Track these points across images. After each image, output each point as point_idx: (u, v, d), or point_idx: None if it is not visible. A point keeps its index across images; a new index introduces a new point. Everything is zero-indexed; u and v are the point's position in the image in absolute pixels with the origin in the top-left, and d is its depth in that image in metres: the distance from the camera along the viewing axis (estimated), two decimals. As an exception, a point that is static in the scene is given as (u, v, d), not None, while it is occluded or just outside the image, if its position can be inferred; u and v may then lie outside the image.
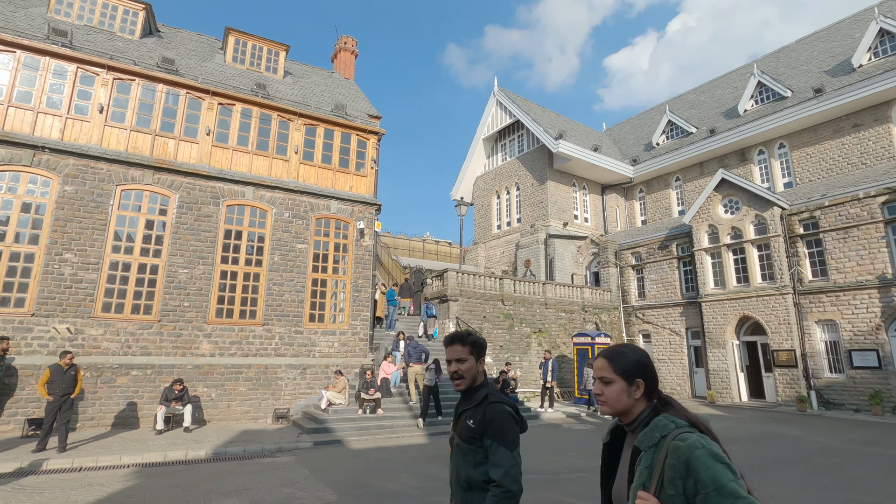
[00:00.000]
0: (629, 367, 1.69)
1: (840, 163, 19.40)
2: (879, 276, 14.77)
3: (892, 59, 18.39)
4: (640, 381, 1.68)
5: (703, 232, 19.10)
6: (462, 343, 2.33)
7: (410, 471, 7.83)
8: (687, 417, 1.60)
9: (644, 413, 1.66)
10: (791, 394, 15.90)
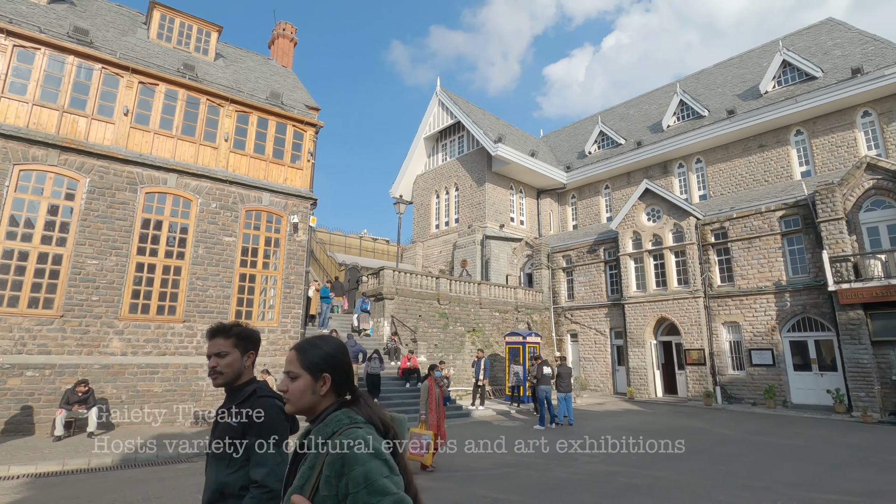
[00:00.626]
0: (317, 361, 1.56)
1: (747, 179, 21.35)
2: (776, 282, 16.41)
3: (792, 88, 20.50)
4: (327, 376, 1.55)
5: (627, 238, 20.28)
6: (225, 335, 2.16)
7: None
8: (369, 415, 1.50)
9: (328, 410, 1.53)
10: (700, 389, 17.27)
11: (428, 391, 8.14)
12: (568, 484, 7.00)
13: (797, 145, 20.28)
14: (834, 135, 19.18)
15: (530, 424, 12.56)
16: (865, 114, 18.63)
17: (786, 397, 15.74)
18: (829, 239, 15.00)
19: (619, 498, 6.37)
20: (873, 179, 14.69)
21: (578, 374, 21.42)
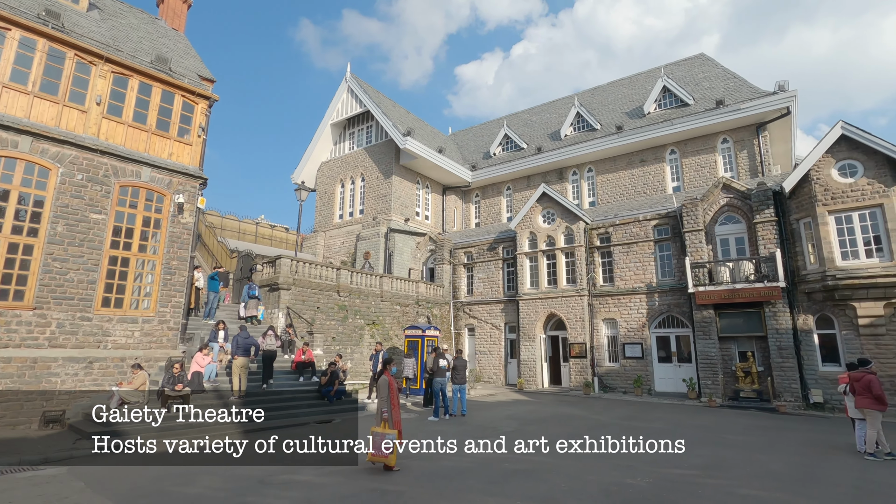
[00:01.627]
0: None
1: (630, 190, 23.62)
2: (648, 284, 18.38)
3: (669, 112, 23.04)
4: None
5: (524, 238, 21.41)
6: None
7: (217, 472, 7.15)
8: None
9: None
10: (580, 380, 18.81)
11: (388, 387, 7.59)
12: (457, 472, 7.22)
13: (671, 163, 22.87)
14: (700, 156, 21.93)
15: (425, 416, 12.76)
16: (724, 140, 21.54)
17: (651, 386, 17.73)
18: (691, 247, 17.12)
19: (504, 483, 6.71)
20: (727, 198, 17.03)
21: (474, 366, 22.22)
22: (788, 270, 15.37)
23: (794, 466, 7.80)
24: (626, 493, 6.22)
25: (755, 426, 11.69)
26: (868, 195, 13.96)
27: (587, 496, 6.14)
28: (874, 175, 14.01)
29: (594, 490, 6.38)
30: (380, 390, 7.62)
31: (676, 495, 6.13)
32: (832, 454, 8.68)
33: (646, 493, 6.23)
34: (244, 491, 6.24)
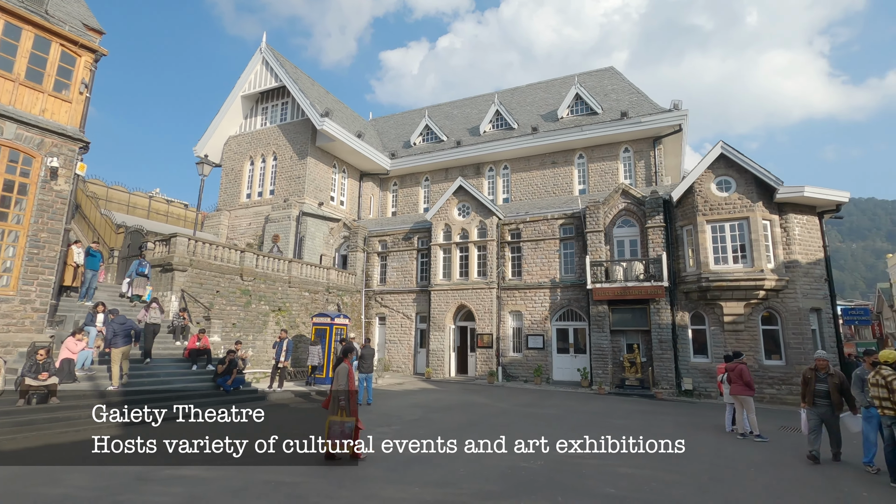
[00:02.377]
0: None
1: (541, 189, 24.79)
2: (552, 279, 19.48)
3: (580, 118, 24.47)
4: None
5: (440, 229, 21.65)
6: None
7: (89, 471, 6.44)
8: None
9: None
10: (486, 369, 19.51)
11: (347, 375, 7.36)
12: (358, 461, 7.15)
13: (579, 167, 24.35)
14: (604, 162, 23.58)
15: (329, 405, 12.48)
16: (626, 150, 23.35)
17: (549, 375, 18.86)
18: (591, 247, 18.40)
19: (405, 470, 6.77)
20: (625, 203, 18.51)
21: (383, 355, 22.15)
22: (672, 272, 17.10)
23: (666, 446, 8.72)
24: (521, 475, 6.57)
25: (636, 411, 12.91)
26: (738, 208, 15.92)
27: (484, 479, 6.39)
28: (744, 191, 15.99)
29: (492, 473, 6.66)
30: (338, 378, 7.33)
31: (564, 475, 6.59)
32: (697, 434, 9.85)
33: (538, 474, 6.62)
34: (119, 489, 5.68)
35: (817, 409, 7.66)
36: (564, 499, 5.56)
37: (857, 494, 6.13)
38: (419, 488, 5.93)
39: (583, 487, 6.05)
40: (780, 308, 15.73)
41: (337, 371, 7.49)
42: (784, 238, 15.97)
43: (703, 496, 5.82)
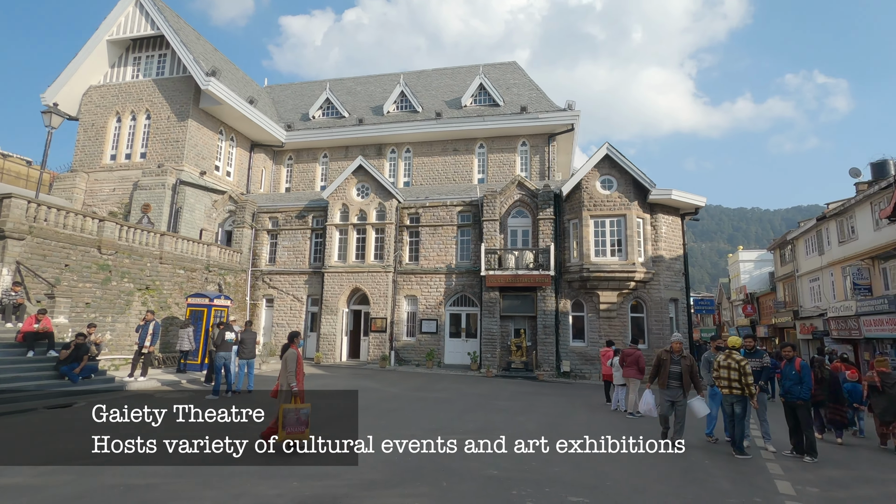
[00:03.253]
0: None
1: (442, 175, 24.90)
2: (448, 265, 19.73)
3: (482, 108, 24.93)
4: None
5: (336, 209, 20.78)
6: None
7: None
8: None
9: None
10: (378, 353, 19.27)
11: (297, 360, 7.07)
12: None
13: (479, 156, 24.86)
14: (503, 154, 24.33)
15: (202, 395, 11.38)
16: (524, 143, 24.31)
17: (441, 359, 19.17)
18: (487, 235, 18.91)
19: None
20: (520, 194, 19.26)
21: (269, 339, 20.87)
22: (558, 262, 18.21)
23: (544, 425, 9.24)
24: (407, 462, 6.46)
25: (520, 392, 13.59)
26: (617, 206, 17.36)
27: (368, 467, 6.17)
28: (623, 190, 17.47)
29: (376, 461, 6.46)
30: (287, 364, 7.01)
31: (451, 459, 6.62)
32: (575, 413, 10.59)
33: (424, 459, 6.57)
34: None
35: (670, 391, 7.58)
36: (450, 483, 5.55)
37: (701, 462, 6.97)
38: (297, 482, 5.54)
39: (467, 471, 6.12)
40: (646, 298, 17.55)
41: (285, 357, 7.13)
42: (653, 235, 17.78)
43: (577, 471, 6.19)
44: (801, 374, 6.89)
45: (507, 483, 5.55)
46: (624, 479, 5.78)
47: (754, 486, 5.68)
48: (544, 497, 5.15)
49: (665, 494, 5.35)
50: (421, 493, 5.25)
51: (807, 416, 6.84)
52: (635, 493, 5.39)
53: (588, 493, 5.32)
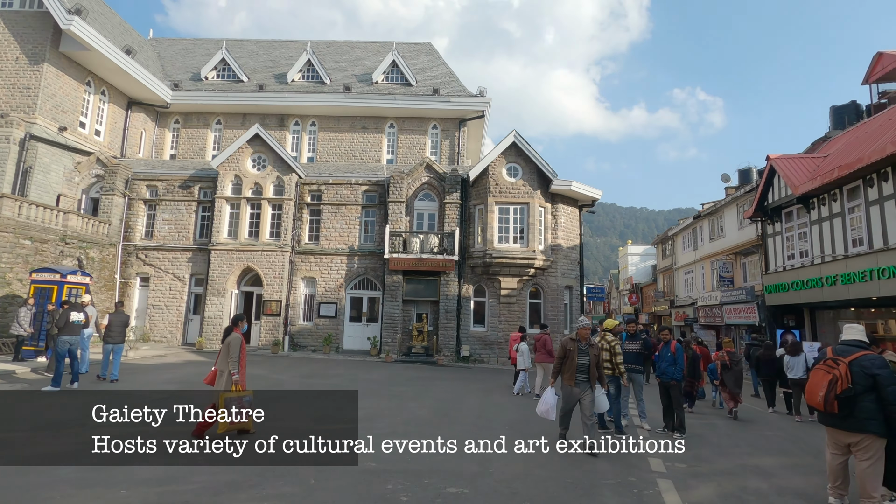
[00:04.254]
0: None
1: (349, 153, 23.73)
2: (350, 246, 18.83)
3: (394, 87, 24.08)
4: None
5: (228, 180, 18.89)
6: None
7: None
8: None
9: None
10: (271, 339, 17.94)
11: (240, 346, 6.51)
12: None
13: (389, 136, 24.04)
14: (413, 136, 23.74)
15: (37, 385, 9.60)
16: (434, 127, 23.91)
17: (339, 344, 18.34)
18: (392, 216, 18.30)
19: (112, 467, 5.29)
20: (428, 176, 18.86)
21: (144, 323, 18.57)
22: (462, 247, 18.13)
23: (436, 411, 8.97)
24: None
25: (417, 377, 13.29)
26: (522, 194, 17.63)
27: (227, 464, 5.39)
28: (528, 179, 17.77)
29: (239, 459, 5.68)
30: (230, 349, 6.42)
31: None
32: (467, 395, 10.47)
33: (296, 454, 5.91)
34: None
35: (577, 386, 6.25)
36: (318, 481, 4.97)
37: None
38: (126, 491, 4.62)
39: (350, 459, 5.58)
40: (544, 284, 18.12)
41: (227, 342, 6.55)
42: (553, 224, 18.35)
43: (460, 459, 5.93)
44: (676, 356, 7.27)
45: (384, 476, 5.10)
46: (506, 465, 5.60)
47: (630, 465, 5.80)
48: (422, 489, 4.78)
49: (545, 479, 5.24)
50: (284, 493, 4.62)
51: (678, 396, 7.25)
52: (516, 479, 5.22)
53: (468, 482, 5.05)
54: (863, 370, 4.27)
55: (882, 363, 4.32)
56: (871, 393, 4.23)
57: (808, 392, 4.56)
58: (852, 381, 4.27)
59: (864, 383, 4.24)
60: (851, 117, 18.38)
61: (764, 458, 6.62)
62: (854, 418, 4.27)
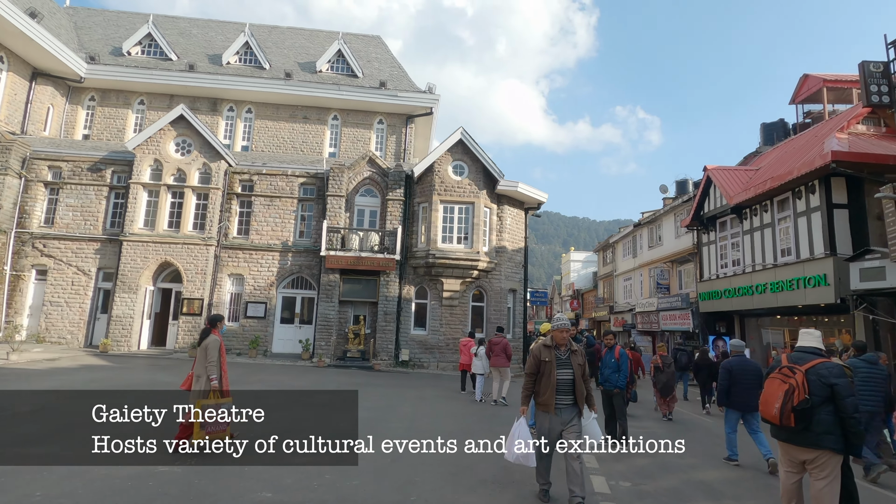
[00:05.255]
0: None
1: (288, 144, 22.29)
2: (284, 242, 17.53)
3: (339, 77, 22.95)
4: None
5: (146, 165, 17.06)
6: None
7: None
8: None
9: None
10: (189, 340, 16.28)
11: (219, 349, 5.95)
12: None
13: (332, 128, 22.84)
14: (358, 129, 22.69)
15: None
16: (381, 121, 22.97)
17: (268, 347, 16.96)
18: (331, 211, 17.21)
19: None
20: (370, 171, 17.92)
21: (39, 322, 16.35)
22: (405, 246, 17.33)
23: (363, 422, 8.08)
24: (162, 477, 4.72)
25: (350, 383, 12.30)
26: (467, 193, 17.10)
27: (111, 491, 4.31)
28: (474, 178, 17.27)
29: (120, 486, 4.60)
30: (208, 353, 5.83)
31: (210, 482, 5.06)
32: (401, 403, 9.66)
33: (174, 482, 4.90)
34: None
35: (561, 413, 4.50)
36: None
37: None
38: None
39: (231, 494, 4.65)
40: (488, 287, 17.66)
41: (205, 345, 5.94)
42: (498, 226, 17.95)
43: (381, 482, 5.15)
44: (620, 362, 6.84)
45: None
46: (435, 489, 4.87)
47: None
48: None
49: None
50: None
51: (622, 405, 6.83)
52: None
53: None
54: (820, 379, 3.89)
55: (839, 372, 3.97)
56: (828, 404, 3.86)
57: (763, 403, 4.15)
58: (809, 392, 3.89)
59: (821, 394, 3.87)
60: (780, 134, 19.34)
61: (708, 471, 6.30)
62: (810, 432, 3.88)
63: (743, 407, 6.35)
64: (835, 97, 17.66)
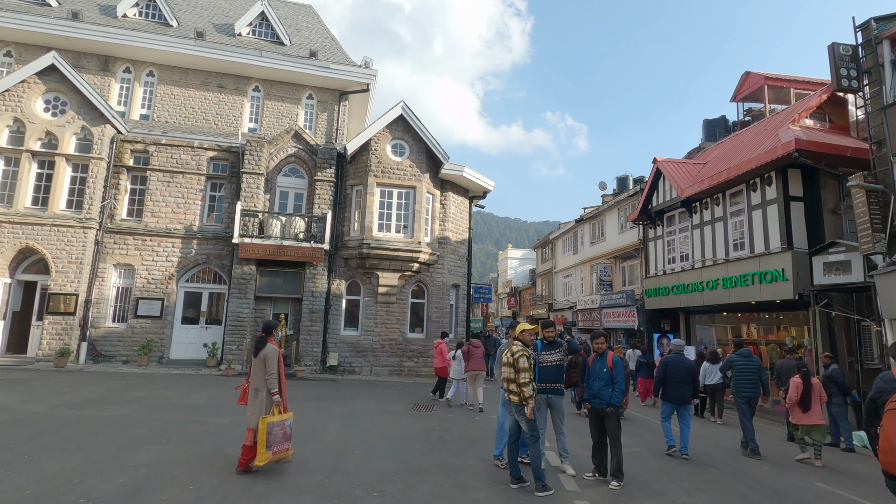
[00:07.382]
0: None
1: (199, 114, 19.12)
2: (188, 226, 14.70)
3: (263, 43, 20.15)
4: None
5: (3, 124, 13.54)
6: None
7: None
8: None
9: None
10: (58, 346, 13.06)
11: (278, 359, 5.17)
12: None
13: (252, 100, 19.96)
14: (283, 104, 19.99)
15: None
16: (310, 96, 20.42)
17: (164, 352, 14.09)
18: (246, 191, 14.65)
19: None
20: (296, 148, 15.54)
21: None
22: (335, 234, 15.17)
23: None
24: None
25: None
26: (408, 176, 15.22)
27: None
28: (416, 160, 15.42)
29: None
30: (268, 364, 5.06)
31: None
32: (328, 422, 7.62)
33: None
34: None
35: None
36: None
37: (472, 485, 4.83)
38: None
39: None
40: (429, 282, 15.90)
41: (263, 355, 5.11)
42: (441, 214, 16.26)
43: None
44: (614, 372, 5.29)
45: None
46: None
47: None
48: None
49: None
50: None
51: (616, 428, 5.22)
52: None
53: None
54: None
55: None
56: None
57: (886, 445, 2.73)
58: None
59: None
60: (721, 130, 19.28)
61: (701, 496, 4.97)
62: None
63: (676, 399, 6.96)
64: (774, 96, 17.75)
